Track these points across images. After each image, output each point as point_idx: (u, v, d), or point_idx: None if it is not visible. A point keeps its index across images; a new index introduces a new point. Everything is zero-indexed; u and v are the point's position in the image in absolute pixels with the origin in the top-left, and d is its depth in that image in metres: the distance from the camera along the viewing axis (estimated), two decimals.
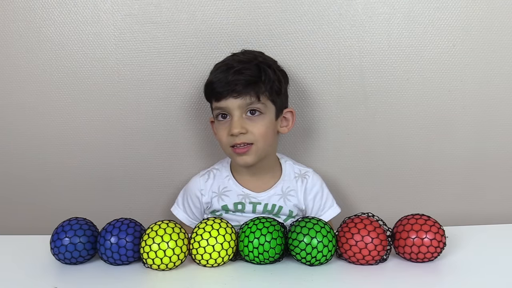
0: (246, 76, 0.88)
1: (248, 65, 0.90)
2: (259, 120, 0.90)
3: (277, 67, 0.96)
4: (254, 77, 0.89)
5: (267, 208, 0.95)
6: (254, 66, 0.90)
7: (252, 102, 0.88)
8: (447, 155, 1.09)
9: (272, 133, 0.92)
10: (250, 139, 0.89)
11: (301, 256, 0.71)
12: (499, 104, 1.06)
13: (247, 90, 0.88)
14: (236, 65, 0.90)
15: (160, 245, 0.69)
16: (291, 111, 0.96)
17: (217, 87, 0.89)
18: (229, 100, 0.88)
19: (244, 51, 0.97)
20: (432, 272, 0.70)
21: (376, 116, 1.07)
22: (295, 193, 0.97)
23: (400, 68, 1.04)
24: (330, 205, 1.00)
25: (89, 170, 1.10)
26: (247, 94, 0.88)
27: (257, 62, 0.91)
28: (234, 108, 0.88)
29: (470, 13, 1.01)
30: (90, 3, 1.02)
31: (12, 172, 1.12)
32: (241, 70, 0.89)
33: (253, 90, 0.88)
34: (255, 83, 0.88)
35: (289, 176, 0.98)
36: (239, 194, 0.96)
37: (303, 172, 0.99)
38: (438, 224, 0.72)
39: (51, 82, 1.06)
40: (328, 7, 1.01)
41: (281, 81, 0.94)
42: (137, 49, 1.04)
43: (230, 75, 0.88)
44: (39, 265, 0.74)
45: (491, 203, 1.12)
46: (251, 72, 0.89)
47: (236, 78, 0.88)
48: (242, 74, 0.88)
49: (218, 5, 1.01)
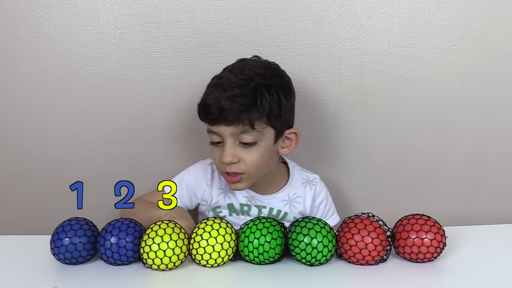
0: (239, 105, 0.81)
1: (244, 89, 0.82)
2: (253, 149, 0.84)
3: (281, 85, 0.87)
4: (248, 105, 0.82)
5: (272, 212, 0.94)
6: (250, 90, 0.82)
7: (245, 130, 0.82)
8: (447, 155, 1.09)
9: (268, 158, 0.87)
10: (242, 168, 0.85)
11: (301, 256, 0.71)
12: (499, 104, 1.06)
13: (240, 119, 0.81)
14: (230, 89, 0.82)
15: (160, 245, 0.69)
16: (295, 132, 0.90)
17: (209, 112, 0.83)
18: (221, 127, 0.83)
19: (243, 65, 0.88)
20: (432, 272, 0.70)
21: (376, 116, 1.07)
22: (302, 200, 0.96)
23: (400, 68, 1.04)
24: (331, 213, 1.00)
25: (89, 170, 1.10)
26: (239, 123, 0.81)
27: (255, 84, 0.83)
28: (226, 135, 0.83)
29: (470, 13, 1.01)
30: (90, 3, 1.02)
31: (12, 172, 1.12)
32: (235, 97, 0.81)
33: (247, 119, 0.82)
34: (249, 111, 0.82)
35: (296, 182, 0.97)
36: (244, 195, 0.94)
37: (311, 179, 0.98)
38: (438, 224, 0.72)
39: (51, 82, 1.06)
40: (328, 7, 1.01)
41: (281, 103, 0.85)
42: (137, 49, 1.04)
43: (223, 100, 0.81)
44: (39, 265, 0.74)
45: (491, 203, 1.12)
46: (244, 100, 0.81)
47: (228, 105, 0.81)
48: (235, 103, 0.81)
49: (218, 5, 1.01)
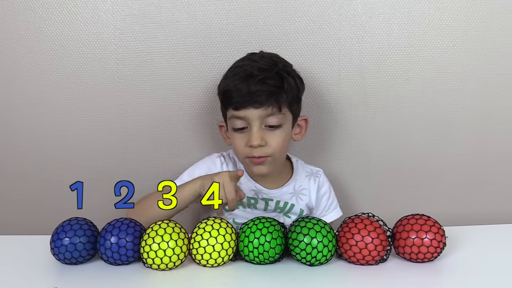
0: (269, 86, 0.85)
1: (270, 73, 0.86)
2: (278, 132, 0.88)
3: (295, 74, 0.93)
4: (277, 87, 0.86)
5: (279, 205, 0.95)
6: (275, 74, 0.87)
7: (273, 112, 0.86)
8: (447, 155, 1.09)
9: (287, 143, 0.91)
10: (268, 152, 0.87)
11: (301, 256, 0.71)
12: (499, 104, 1.06)
13: (270, 101, 0.85)
14: (256, 73, 0.86)
15: (160, 245, 0.69)
16: (306, 118, 0.96)
17: (237, 96, 0.86)
18: (249, 110, 0.85)
19: (261, 55, 0.93)
20: (432, 272, 0.70)
21: (376, 116, 1.07)
22: (307, 192, 0.98)
23: (400, 68, 1.04)
24: (334, 207, 1.01)
25: (89, 170, 1.10)
26: (269, 105, 0.85)
27: (278, 69, 0.88)
28: (254, 119, 0.86)
29: (470, 13, 1.01)
30: (90, 3, 1.02)
31: (12, 171, 1.12)
32: (264, 79, 0.85)
33: (275, 101, 0.85)
34: (278, 94, 0.86)
35: (301, 175, 0.98)
36: (251, 189, 0.95)
37: (314, 171, 1.00)
38: (438, 224, 0.72)
39: (51, 82, 1.06)
40: (328, 7, 1.01)
41: (300, 89, 0.92)
42: (137, 49, 1.04)
43: (252, 84, 0.84)
44: (39, 265, 0.74)
45: (491, 203, 1.12)
46: (273, 82, 0.86)
47: (258, 88, 0.84)
48: (265, 84, 0.85)
49: (218, 5, 1.01)
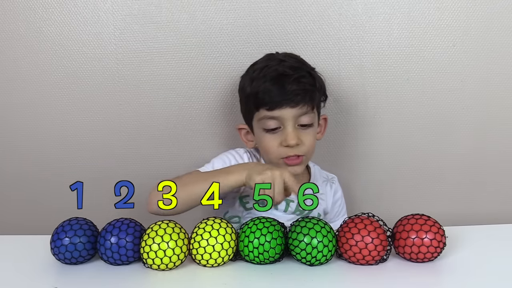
0: (305, 85, 0.86)
1: (302, 72, 0.87)
2: (310, 130, 0.88)
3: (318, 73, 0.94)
4: (312, 86, 0.87)
5: (299, 207, 0.94)
6: (307, 73, 0.88)
7: (307, 111, 0.86)
8: (447, 155, 1.09)
9: (315, 142, 0.91)
10: (302, 150, 0.87)
11: (301, 256, 0.71)
12: (499, 104, 1.06)
13: (305, 100, 0.85)
14: (290, 72, 0.86)
15: (160, 245, 0.69)
16: (325, 117, 0.96)
17: (272, 96, 0.85)
18: (285, 110, 0.84)
19: (284, 54, 0.93)
20: (432, 272, 0.70)
21: (376, 116, 1.07)
22: (325, 197, 0.98)
23: (400, 68, 1.04)
24: (343, 213, 1.02)
25: (89, 170, 1.10)
26: (304, 104, 0.85)
27: (308, 69, 0.89)
28: (288, 118, 0.85)
29: (470, 13, 1.01)
30: (90, 3, 1.02)
31: (12, 172, 1.12)
32: (299, 78, 0.85)
33: (310, 100, 0.86)
34: (312, 92, 0.86)
35: (318, 180, 0.98)
36: None
37: (330, 177, 1.01)
38: (438, 224, 0.72)
39: (51, 82, 1.06)
40: (328, 7, 1.01)
41: (325, 88, 0.93)
42: (137, 49, 1.04)
43: (288, 84, 0.84)
44: (39, 265, 0.74)
45: (491, 203, 1.12)
46: (307, 81, 0.86)
47: (295, 87, 0.84)
48: (301, 83, 0.85)
49: (218, 5, 1.01)
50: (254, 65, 0.93)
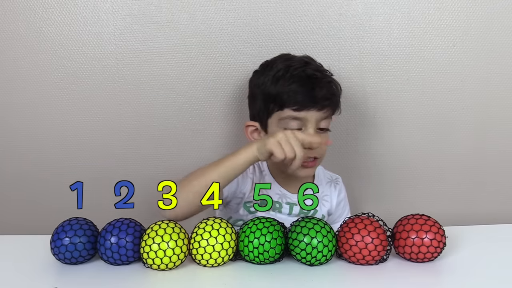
0: (334, 89, 0.88)
1: (328, 77, 0.89)
2: (325, 135, 0.89)
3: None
4: (338, 90, 0.90)
5: (303, 210, 0.94)
6: (333, 79, 0.90)
7: (328, 116, 0.87)
8: (447, 155, 1.09)
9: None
10: (319, 153, 0.88)
11: (301, 256, 0.71)
12: (499, 104, 1.06)
13: (331, 104, 0.87)
14: (319, 75, 0.87)
15: (160, 245, 0.69)
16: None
17: (304, 98, 0.84)
18: (311, 112, 0.85)
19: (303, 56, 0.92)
20: (432, 272, 0.70)
21: (376, 116, 1.07)
22: (329, 198, 0.98)
23: (400, 68, 1.04)
24: (346, 214, 1.02)
25: (89, 170, 1.10)
26: (330, 108, 0.87)
27: (329, 73, 0.91)
28: (312, 120, 0.85)
29: (470, 13, 1.01)
30: (90, 3, 1.02)
31: (12, 172, 1.12)
32: (330, 83, 0.88)
33: (334, 104, 0.88)
34: (337, 97, 0.89)
35: (322, 181, 0.99)
36: (276, 193, 0.94)
37: (334, 178, 1.01)
38: (438, 224, 0.72)
39: (51, 82, 1.06)
40: (328, 7, 1.01)
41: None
42: (137, 49, 1.04)
43: (319, 87, 0.85)
44: (39, 265, 0.74)
45: (491, 203, 1.12)
46: (336, 86, 0.89)
47: (325, 91, 0.86)
48: (330, 88, 0.87)
49: (218, 5, 1.01)
50: (272, 63, 0.91)
